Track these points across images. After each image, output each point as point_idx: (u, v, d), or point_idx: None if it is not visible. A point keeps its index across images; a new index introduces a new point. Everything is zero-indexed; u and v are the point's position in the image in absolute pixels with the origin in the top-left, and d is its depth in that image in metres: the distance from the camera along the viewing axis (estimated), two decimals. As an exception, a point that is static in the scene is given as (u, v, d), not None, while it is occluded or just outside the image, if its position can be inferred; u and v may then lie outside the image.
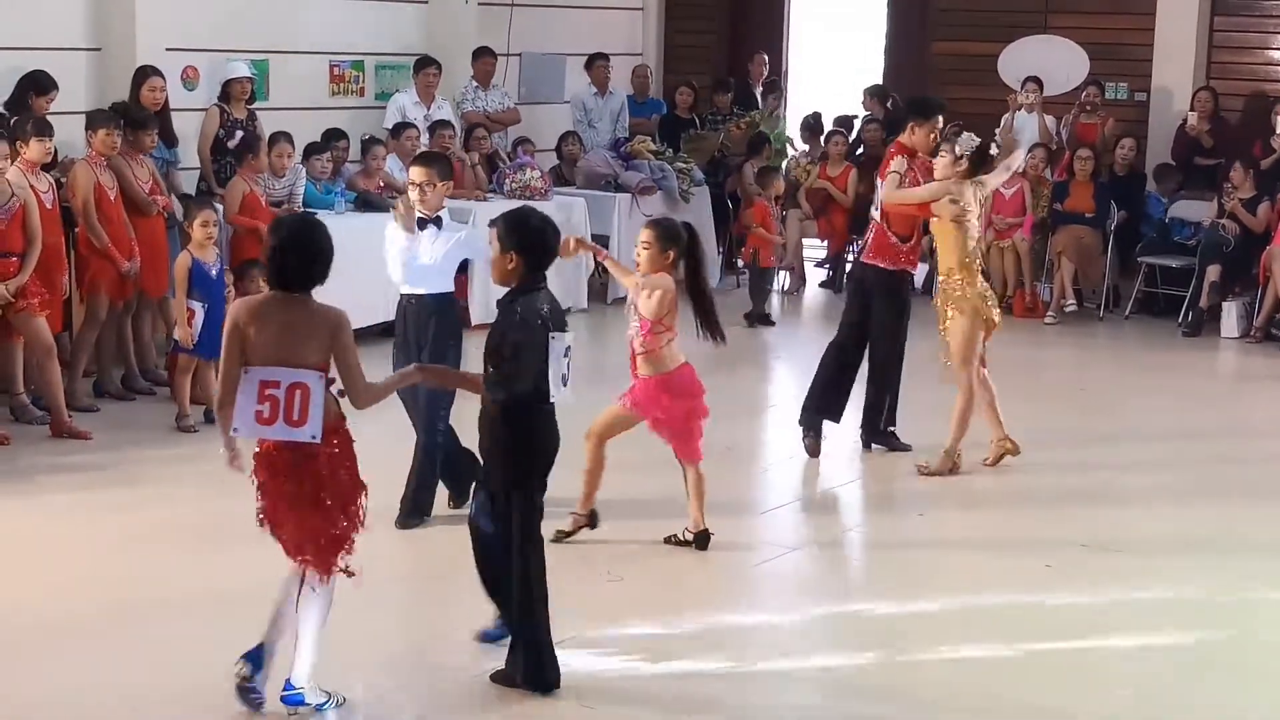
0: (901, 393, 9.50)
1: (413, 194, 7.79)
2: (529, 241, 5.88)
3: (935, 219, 8.94)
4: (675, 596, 7.03)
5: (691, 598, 7.02)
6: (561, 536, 7.46)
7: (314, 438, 5.51)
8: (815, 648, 6.56)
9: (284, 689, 5.73)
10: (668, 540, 7.65)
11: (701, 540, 7.61)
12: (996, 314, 9.01)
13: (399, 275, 7.77)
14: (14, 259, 9.14)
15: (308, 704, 5.72)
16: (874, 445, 9.45)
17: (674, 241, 7.40)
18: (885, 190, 9.07)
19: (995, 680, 6.27)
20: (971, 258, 8.90)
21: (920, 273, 15.04)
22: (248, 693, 5.70)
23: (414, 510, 7.87)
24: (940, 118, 9.18)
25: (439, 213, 7.79)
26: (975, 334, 8.89)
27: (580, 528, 7.65)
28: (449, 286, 7.88)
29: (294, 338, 5.52)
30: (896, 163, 9.05)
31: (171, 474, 8.64)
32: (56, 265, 9.60)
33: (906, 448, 9.36)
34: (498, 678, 6.04)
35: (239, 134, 11.54)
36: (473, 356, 6.98)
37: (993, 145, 9.17)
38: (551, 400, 5.84)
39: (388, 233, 7.84)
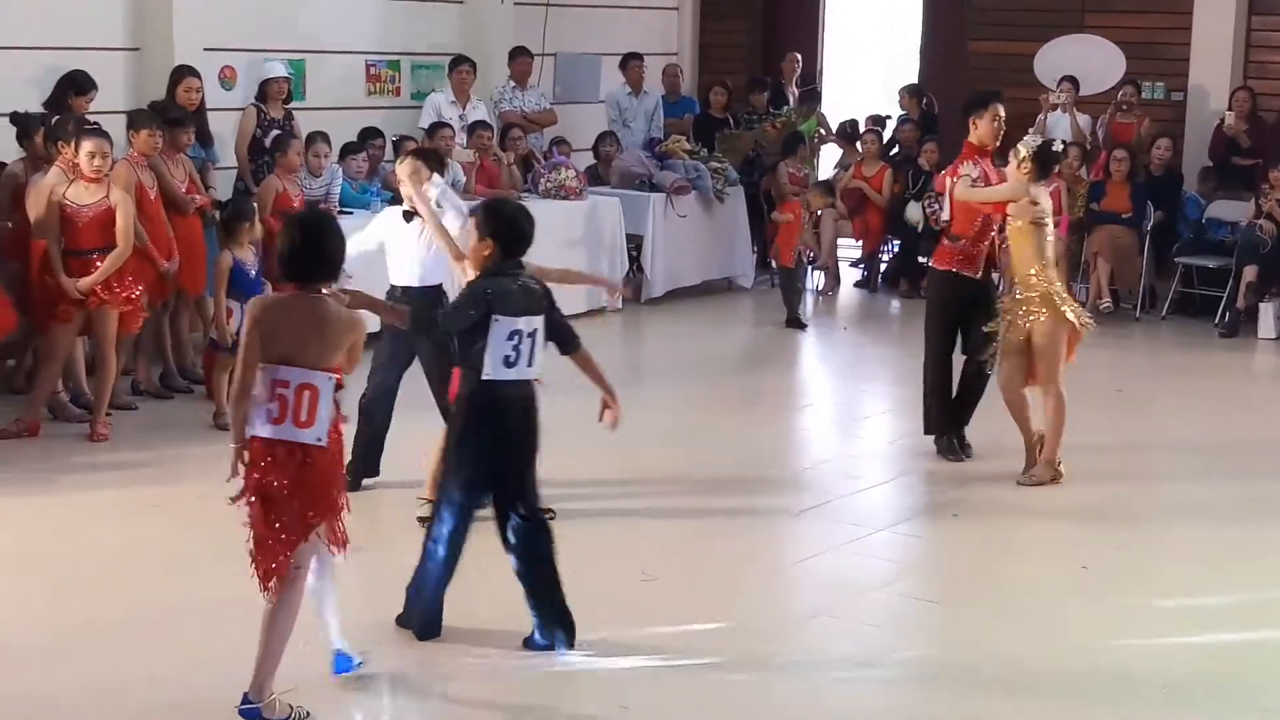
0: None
1: (403, 189, 7.87)
2: (502, 229, 6.18)
3: (1012, 222, 8.82)
4: (710, 595, 7.04)
5: (727, 596, 7.03)
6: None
7: (319, 440, 5.56)
8: (853, 647, 6.55)
9: (334, 663, 5.98)
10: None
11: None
12: (1086, 319, 8.86)
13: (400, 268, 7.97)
14: (93, 257, 9.19)
15: (355, 664, 6.01)
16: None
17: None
18: (960, 190, 8.99)
19: (1038, 680, 6.27)
20: (1050, 262, 8.80)
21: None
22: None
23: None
24: (999, 105, 9.09)
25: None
26: (1062, 337, 8.73)
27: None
28: (439, 278, 7.93)
29: (310, 338, 5.57)
30: (967, 166, 9.01)
31: (209, 471, 8.62)
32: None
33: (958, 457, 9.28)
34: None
35: (273, 133, 11.58)
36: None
37: (1058, 142, 9.14)
38: (484, 376, 6.08)
39: (377, 230, 8.03)
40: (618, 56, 15.36)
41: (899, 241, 15.18)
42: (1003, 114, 9.14)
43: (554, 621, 6.32)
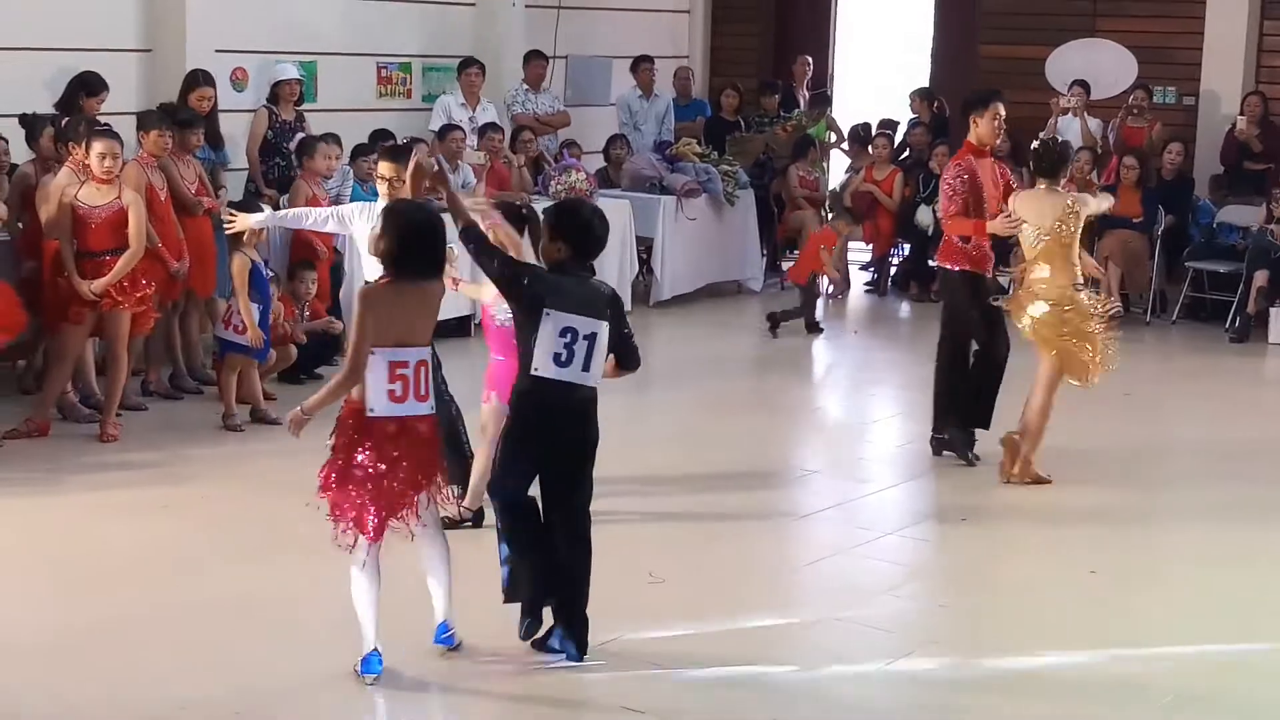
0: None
1: (380, 187, 7.88)
2: (575, 231, 6.15)
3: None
4: (717, 598, 7.03)
5: (734, 599, 7.03)
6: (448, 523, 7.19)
7: (432, 409, 5.98)
8: (861, 650, 6.55)
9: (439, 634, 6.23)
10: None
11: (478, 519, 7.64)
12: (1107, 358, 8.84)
13: (322, 225, 8.26)
14: (106, 258, 9.21)
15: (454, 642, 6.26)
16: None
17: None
18: (944, 220, 9.16)
19: (1047, 684, 6.26)
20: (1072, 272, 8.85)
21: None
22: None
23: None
24: (999, 104, 9.11)
25: None
26: (1072, 352, 8.77)
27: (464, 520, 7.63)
28: None
29: (416, 318, 5.93)
30: (951, 173, 9.09)
31: (218, 473, 8.70)
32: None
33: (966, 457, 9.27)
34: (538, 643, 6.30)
35: (298, 136, 11.52)
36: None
37: (1055, 137, 9.16)
38: (533, 371, 6.03)
39: (355, 210, 8.07)
40: (629, 59, 15.37)
41: (909, 245, 15.17)
42: (1003, 113, 9.16)
43: (571, 632, 6.28)
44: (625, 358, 6.33)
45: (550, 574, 6.27)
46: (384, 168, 7.88)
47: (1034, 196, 8.83)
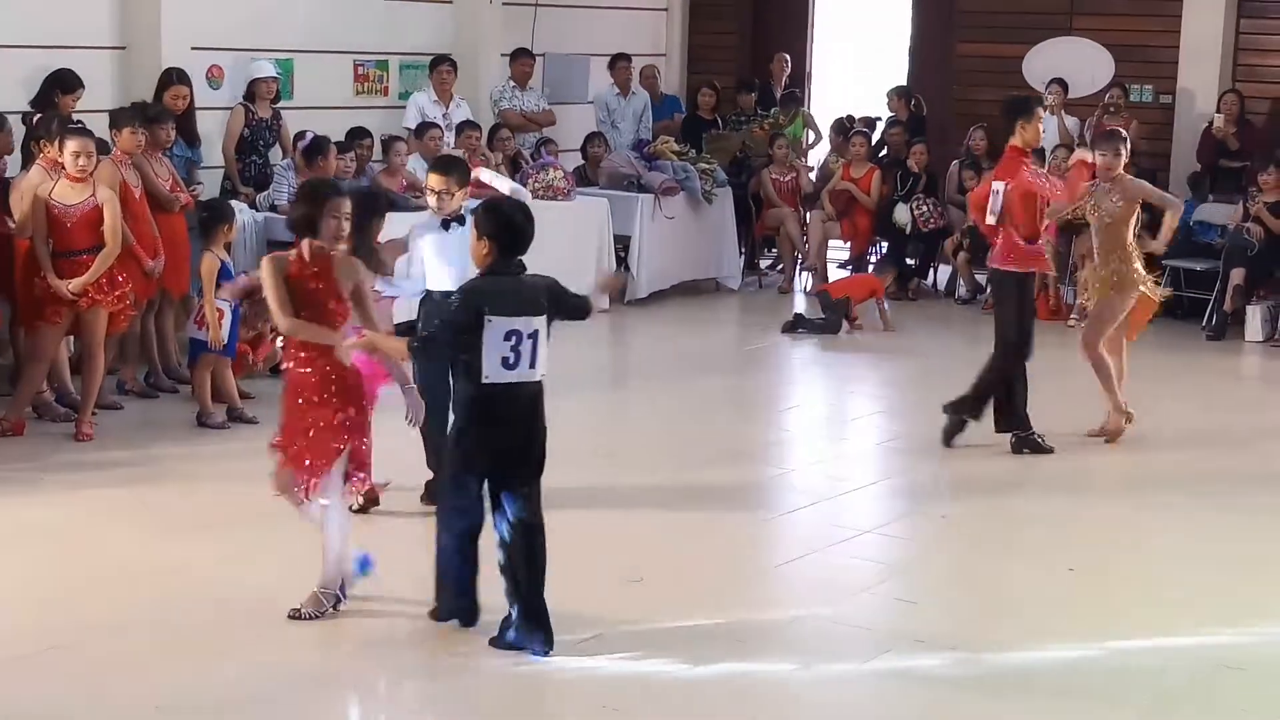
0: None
1: (430, 200, 7.87)
2: (501, 228, 6.19)
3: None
4: (696, 596, 7.02)
5: (713, 597, 7.01)
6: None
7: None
8: (840, 648, 6.54)
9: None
10: None
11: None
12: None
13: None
14: (84, 256, 9.15)
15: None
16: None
17: None
18: (1051, 211, 9.50)
19: (1026, 682, 6.27)
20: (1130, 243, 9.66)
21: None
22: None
23: None
24: (1040, 108, 9.56)
25: (463, 209, 7.86)
26: (1118, 309, 9.67)
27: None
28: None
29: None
30: (1032, 172, 9.31)
31: (195, 472, 8.67)
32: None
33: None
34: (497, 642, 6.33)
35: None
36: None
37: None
38: (483, 379, 6.07)
39: (419, 242, 7.94)
40: (606, 57, 15.35)
41: (887, 243, 15.18)
42: (1042, 115, 9.58)
43: (535, 625, 6.28)
44: (582, 313, 6.53)
45: (473, 576, 6.43)
46: (435, 180, 7.87)
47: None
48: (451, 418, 6.38)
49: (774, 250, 15.83)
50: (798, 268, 15.21)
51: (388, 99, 14.05)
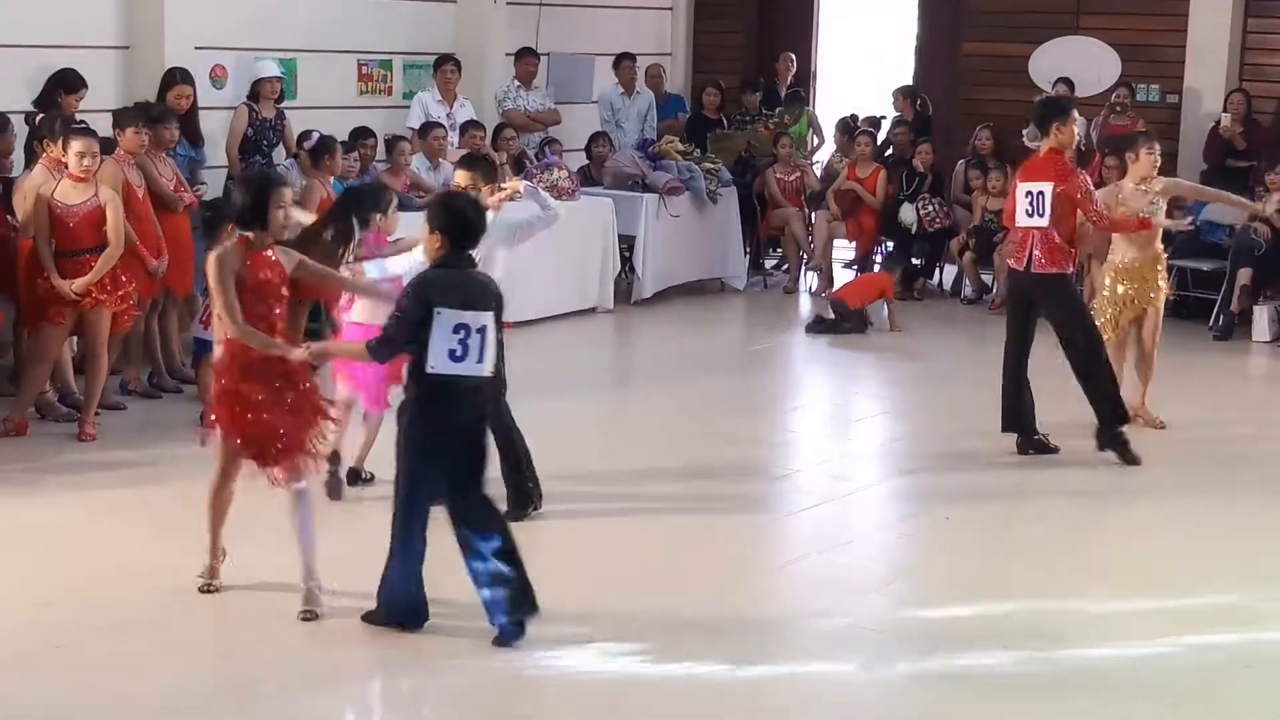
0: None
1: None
2: (451, 222, 6.29)
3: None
4: (701, 597, 6.99)
5: (718, 598, 6.99)
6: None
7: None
8: (846, 649, 6.53)
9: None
10: None
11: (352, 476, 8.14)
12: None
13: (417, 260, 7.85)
14: (86, 256, 9.14)
15: None
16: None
17: None
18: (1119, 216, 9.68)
19: (1033, 682, 6.24)
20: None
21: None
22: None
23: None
24: (1075, 110, 9.58)
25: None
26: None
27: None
28: (500, 274, 7.91)
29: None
30: (1082, 181, 9.33)
31: (199, 472, 8.56)
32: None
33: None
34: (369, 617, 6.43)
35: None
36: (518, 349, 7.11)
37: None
38: (428, 369, 6.14)
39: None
40: (611, 56, 15.33)
41: (893, 243, 15.15)
42: (1078, 117, 9.61)
43: (523, 596, 6.33)
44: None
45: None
46: (461, 176, 7.89)
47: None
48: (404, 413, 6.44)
49: (779, 250, 15.80)
50: (803, 268, 15.18)
51: (391, 99, 14.04)
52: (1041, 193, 9.21)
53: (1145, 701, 6.10)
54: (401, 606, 6.42)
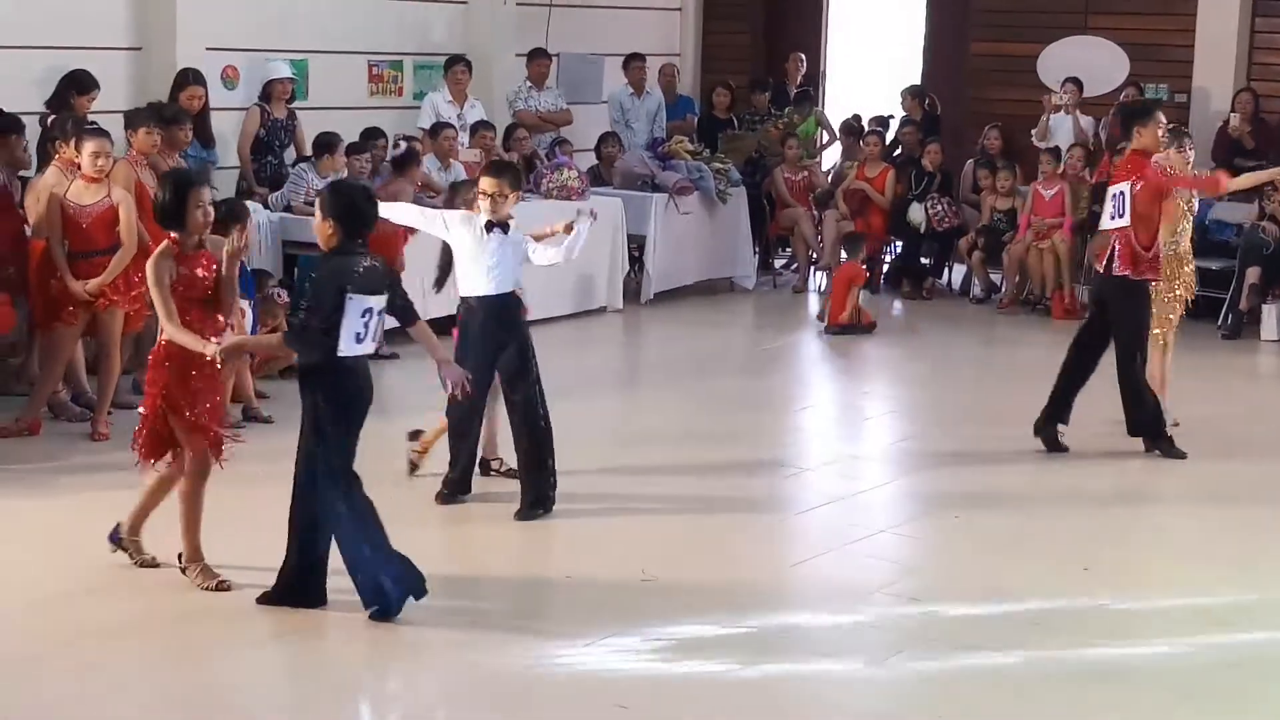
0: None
1: (483, 204, 7.90)
2: (344, 210, 6.48)
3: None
4: (709, 596, 7.02)
5: (726, 597, 7.01)
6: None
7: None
8: (854, 648, 6.54)
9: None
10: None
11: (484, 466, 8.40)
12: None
13: (431, 227, 8.17)
14: (99, 257, 9.17)
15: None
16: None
17: None
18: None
19: (1041, 681, 6.26)
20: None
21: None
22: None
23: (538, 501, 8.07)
24: (1160, 113, 9.43)
25: (508, 220, 7.91)
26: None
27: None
28: (510, 286, 7.99)
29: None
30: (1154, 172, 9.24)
31: (212, 472, 8.66)
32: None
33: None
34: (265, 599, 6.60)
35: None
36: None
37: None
38: (340, 354, 6.35)
39: (458, 219, 8.03)
40: (620, 57, 15.36)
41: (901, 242, 15.18)
42: (1164, 121, 9.42)
43: (407, 569, 6.50)
44: (407, 316, 6.82)
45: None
46: (487, 184, 7.93)
47: None
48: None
49: (788, 250, 15.82)
50: (812, 267, 15.20)
51: (402, 99, 14.08)
52: (1122, 193, 9.22)
53: (1155, 698, 6.11)
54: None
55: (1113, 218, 9.28)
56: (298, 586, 6.60)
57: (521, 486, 8.03)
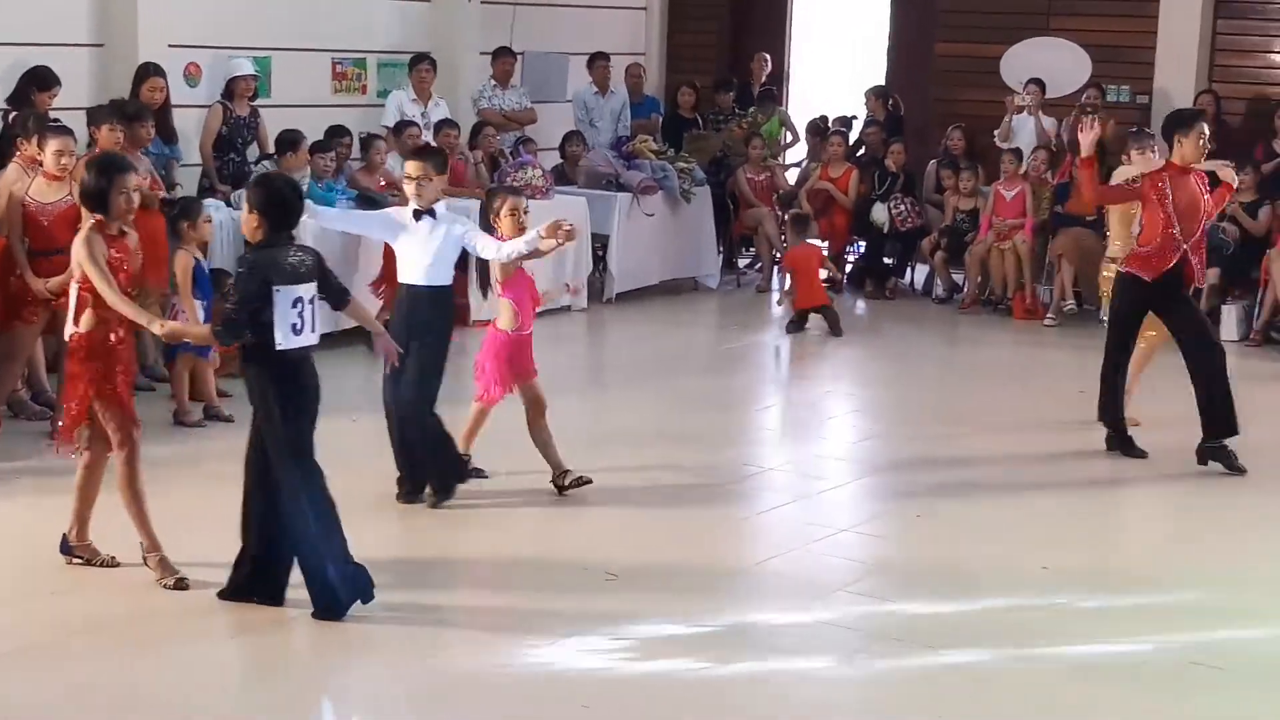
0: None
1: (409, 188, 7.96)
2: (270, 203, 6.54)
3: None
4: (672, 596, 7.03)
5: (689, 597, 7.02)
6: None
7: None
8: (817, 647, 6.56)
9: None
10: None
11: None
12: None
13: (356, 228, 8.61)
14: (61, 255, 9.11)
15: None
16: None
17: None
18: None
19: (1002, 680, 6.29)
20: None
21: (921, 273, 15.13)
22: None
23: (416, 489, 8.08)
24: (1204, 124, 9.40)
25: (435, 205, 7.92)
26: None
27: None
28: (447, 279, 7.99)
29: None
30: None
31: (171, 471, 8.61)
32: None
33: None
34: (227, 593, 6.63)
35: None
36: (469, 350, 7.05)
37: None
38: (278, 347, 6.39)
39: (391, 215, 8.18)
40: (585, 56, 15.36)
41: (864, 243, 15.22)
42: (1208, 132, 9.39)
43: (357, 572, 6.52)
44: (339, 297, 6.87)
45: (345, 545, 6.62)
46: (412, 167, 7.96)
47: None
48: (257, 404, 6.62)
49: (752, 250, 15.85)
50: (775, 267, 15.23)
51: (366, 97, 14.05)
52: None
53: (1121, 696, 6.15)
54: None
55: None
56: (259, 578, 6.61)
57: (430, 477, 8.13)
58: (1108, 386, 9.52)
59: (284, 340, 6.42)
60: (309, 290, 6.51)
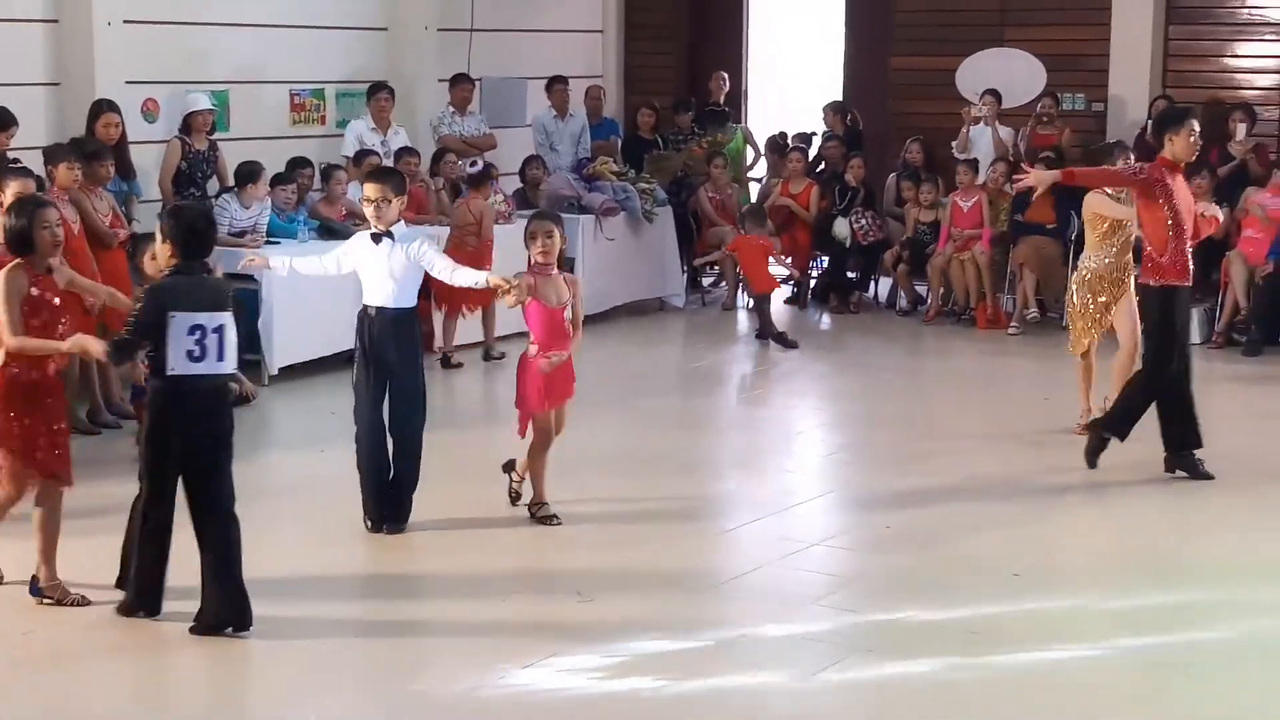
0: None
1: (368, 210, 7.99)
2: (181, 232, 6.68)
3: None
4: (645, 613, 7.03)
5: (662, 614, 7.03)
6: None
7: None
8: (791, 660, 6.58)
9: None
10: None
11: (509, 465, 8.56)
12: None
13: (330, 270, 8.35)
14: None
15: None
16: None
17: None
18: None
19: (975, 691, 6.31)
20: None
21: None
22: None
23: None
24: (1194, 121, 9.31)
25: (393, 227, 7.93)
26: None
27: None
28: (410, 302, 8.01)
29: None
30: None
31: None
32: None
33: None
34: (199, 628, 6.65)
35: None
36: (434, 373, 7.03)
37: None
38: (169, 371, 6.51)
39: (351, 244, 8.21)
40: (543, 80, 15.39)
41: (827, 258, 15.27)
42: (1198, 129, 9.32)
43: (233, 603, 6.59)
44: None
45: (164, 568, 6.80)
46: (371, 189, 7.95)
47: None
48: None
49: (715, 268, 15.89)
50: (739, 285, 15.26)
51: (325, 127, 14.05)
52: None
53: (1092, 702, 6.18)
54: (147, 593, 6.77)
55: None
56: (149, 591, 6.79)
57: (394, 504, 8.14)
58: (1178, 410, 9.22)
59: (176, 365, 6.51)
60: (214, 319, 6.57)
